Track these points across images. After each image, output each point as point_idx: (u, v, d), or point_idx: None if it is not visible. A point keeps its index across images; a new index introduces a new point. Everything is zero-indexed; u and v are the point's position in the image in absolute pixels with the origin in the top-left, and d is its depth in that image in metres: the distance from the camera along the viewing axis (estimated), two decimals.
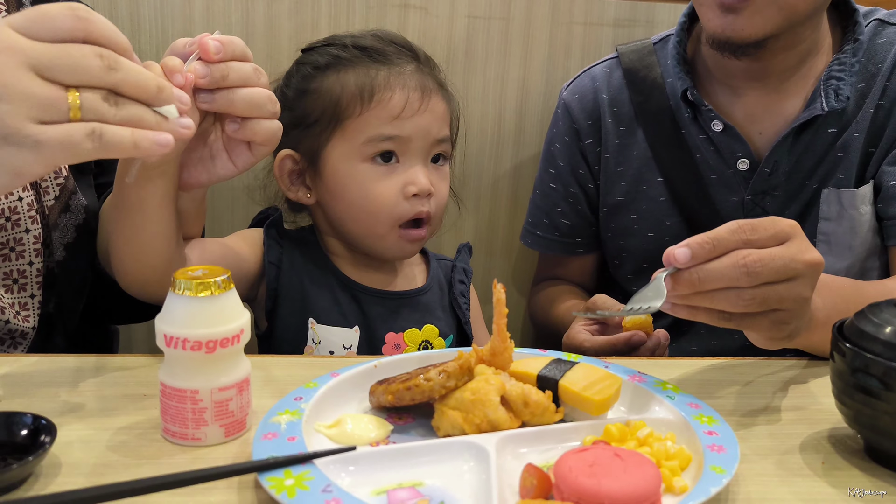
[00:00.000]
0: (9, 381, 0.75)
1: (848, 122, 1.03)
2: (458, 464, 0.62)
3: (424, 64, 0.99)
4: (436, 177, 0.98)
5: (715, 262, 0.67)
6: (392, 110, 0.94)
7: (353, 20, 1.28)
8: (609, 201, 1.16)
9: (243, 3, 1.26)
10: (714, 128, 1.06)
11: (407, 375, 0.71)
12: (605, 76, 1.17)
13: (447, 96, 1.00)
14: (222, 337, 0.63)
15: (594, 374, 0.70)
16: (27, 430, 0.61)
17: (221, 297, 0.64)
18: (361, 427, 0.67)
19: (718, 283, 0.67)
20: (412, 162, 0.96)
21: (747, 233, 0.68)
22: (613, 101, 1.15)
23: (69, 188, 0.92)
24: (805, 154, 1.05)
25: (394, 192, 0.95)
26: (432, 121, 0.96)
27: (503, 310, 0.70)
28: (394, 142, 0.95)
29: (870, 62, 1.04)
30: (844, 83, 1.01)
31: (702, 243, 0.67)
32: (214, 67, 0.71)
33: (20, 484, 0.58)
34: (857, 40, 1.03)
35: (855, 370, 0.64)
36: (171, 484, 0.56)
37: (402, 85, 0.95)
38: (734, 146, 1.06)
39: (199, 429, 0.64)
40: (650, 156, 1.11)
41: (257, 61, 1.27)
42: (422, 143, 0.96)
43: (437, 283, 1.06)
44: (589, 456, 0.58)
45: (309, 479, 0.57)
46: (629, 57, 1.15)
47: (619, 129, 1.14)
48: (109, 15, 1.22)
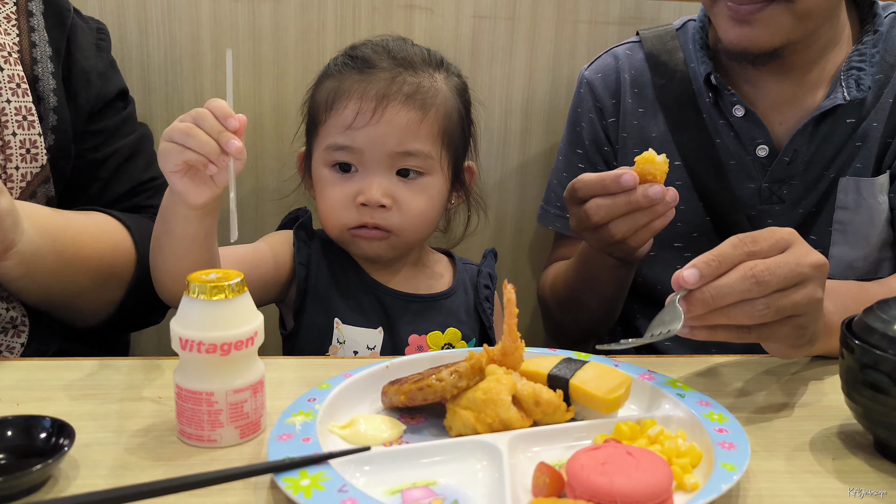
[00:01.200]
0: (27, 385, 0.76)
1: (867, 112, 1.04)
2: (471, 463, 0.63)
3: (410, 70, 0.97)
4: (402, 189, 0.97)
5: (724, 278, 0.69)
6: (345, 119, 0.95)
7: (358, 22, 1.29)
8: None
9: (250, 6, 1.26)
10: (735, 112, 1.06)
11: (419, 376, 0.71)
12: (628, 57, 1.16)
13: (424, 105, 0.96)
14: (236, 339, 0.64)
15: (605, 372, 0.71)
16: (46, 434, 0.62)
17: (235, 301, 0.65)
18: (374, 427, 0.68)
19: (731, 297, 0.68)
20: (369, 173, 0.96)
21: (749, 245, 0.70)
22: (635, 82, 1.15)
23: (29, 191, 0.93)
24: (824, 143, 1.05)
25: (344, 200, 0.96)
26: (388, 132, 0.94)
27: (514, 310, 0.71)
28: (347, 152, 0.96)
29: (888, 53, 1.04)
30: (865, 73, 1.02)
31: (707, 262, 0.69)
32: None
33: (40, 486, 0.59)
34: (876, 31, 1.03)
35: (864, 366, 0.64)
36: (188, 485, 0.57)
37: (360, 94, 0.95)
38: (754, 132, 1.06)
39: (215, 430, 0.65)
40: (669, 139, 1.11)
41: (264, 64, 1.30)
42: (377, 155, 0.95)
43: (462, 287, 1.06)
44: (601, 454, 0.59)
45: (325, 480, 0.57)
46: (651, 41, 1.15)
47: (639, 110, 1.14)
48: (116, 19, 1.23)
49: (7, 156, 0.91)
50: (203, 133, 0.75)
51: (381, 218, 0.96)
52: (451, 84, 1.02)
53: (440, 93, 0.99)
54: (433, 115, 0.97)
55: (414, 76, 0.97)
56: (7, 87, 0.91)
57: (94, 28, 1.05)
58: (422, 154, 0.97)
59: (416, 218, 0.98)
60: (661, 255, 1.14)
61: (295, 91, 1.30)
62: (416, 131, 0.96)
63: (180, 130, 0.76)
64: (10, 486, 0.57)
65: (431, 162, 0.98)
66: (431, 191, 0.99)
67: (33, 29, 0.95)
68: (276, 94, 1.30)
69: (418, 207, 0.98)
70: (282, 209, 1.13)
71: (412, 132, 0.95)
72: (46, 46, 0.96)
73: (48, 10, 0.98)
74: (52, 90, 0.96)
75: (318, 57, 1.29)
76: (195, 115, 0.76)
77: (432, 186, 0.99)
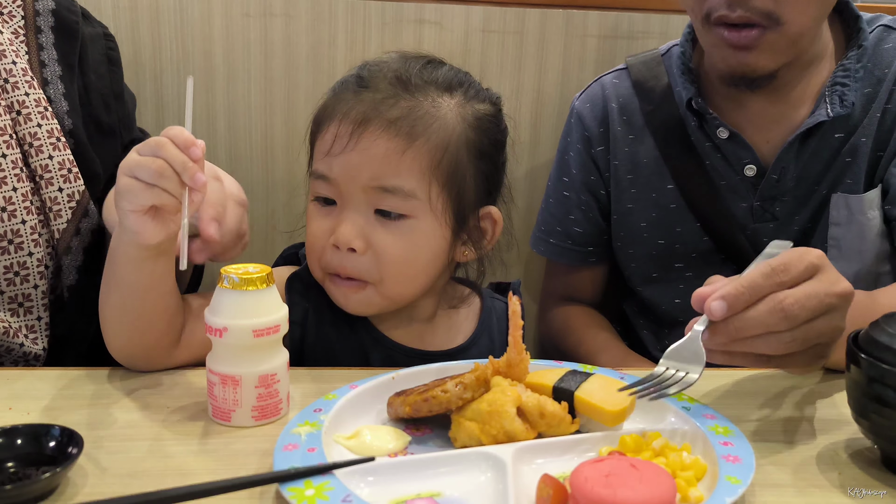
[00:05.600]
0: (37, 394, 0.76)
1: (855, 126, 1.04)
2: (476, 474, 0.63)
3: (408, 91, 0.84)
4: (379, 232, 0.83)
5: (752, 311, 0.66)
6: (324, 145, 0.84)
7: (369, 36, 1.30)
8: (619, 208, 1.17)
9: (261, 21, 1.28)
10: (720, 135, 1.06)
11: (424, 387, 0.72)
12: (614, 86, 1.17)
13: (410, 134, 0.82)
14: (265, 327, 0.70)
15: (610, 385, 0.71)
16: (55, 442, 0.63)
17: (262, 292, 0.70)
18: (380, 438, 0.68)
19: (757, 330, 0.66)
20: (345, 209, 0.84)
21: (780, 274, 0.67)
22: (623, 110, 1.16)
23: (80, 211, 0.93)
24: (813, 160, 1.05)
25: (323, 238, 0.85)
26: (362, 162, 0.81)
27: (518, 322, 0.71)
28: (325, 182, 0.84)
29: (876, 67, 1.04)
30: (849, 89, 1.01)
31: (737, 295, 0.66)
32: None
33: (49, 494, 0.60)
34: (861, 46, 1.03)
35: (871, 380, 0.64)
36: (195, 494, 0.57)
37: (342, 115, 0.83)
38: (741, 153, 1.06)
39: (239, 411, 0.71)
40: (660, 163, 1.12)
41: (276, 78, 1.31)
42: (351, 188, 0.82)
43: (488, 332, 0.93)
44: (605, 466, 0.59)
45: (329, 490, 0.58)
46: (637, 68, 1.16)
47: (629, 136, 1.15)
48: (130, 34, 1.25)
49: (55, 212, 0.92)
50: (175, 174, 0.68)
51: (350, 264, 0.83)
52: (466, 112, 0.87)
53: (439, 121, 0.84)
54: (422, 147, 0.82)
55: (408, 100, 0.83)
56: (48, 142, 0.90)
57: (101, 34, 1.03)
58: (401, 192, 0.82)
59: (399, 266, 0.83)
60: (663, 276, 1.15)
61: (306, 105, 1.31)
62: (397, 164, 0.81)
63: (148, 168, 0.68)
64: (19, 493, 0.57)
65: (415, 203, 0.83)
66: (415, 236, 0.84)
67: (42, 47, 0.93)
68: (286, 108, 1.32)
69: (396, 254, 0.83)
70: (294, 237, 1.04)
71: (391, 165, 0.81)
72: (56, 65, 0.93)
73: (57, 26, 0.95)
74: (65, 112, 0.93)
75: (329, 71, 1.30)
76: (155, 147, 0.69)
77: (419, 232, 0.84)
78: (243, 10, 1.27)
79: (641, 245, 1.16)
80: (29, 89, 0.89)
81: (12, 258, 0.87)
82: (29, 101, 0.89)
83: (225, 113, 1.30)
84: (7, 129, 0.87)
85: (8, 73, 0.88)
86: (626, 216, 1.16)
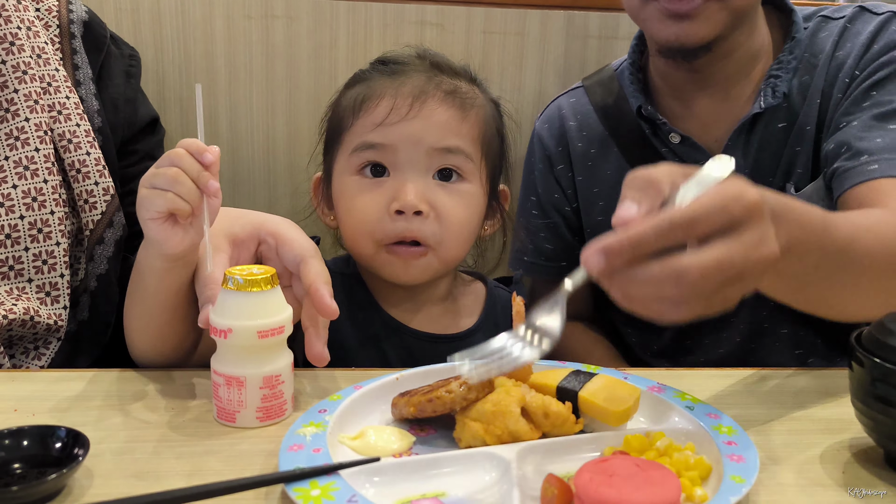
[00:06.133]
0: (42, 396, 0.77)
1: (796, 114, 1.04)
2: (481, 474, 0.63)
3: (445, 73, 0.92)
4: (440, 195, 0.88)
5: (640, 271, 0.56)
6: (376, 117, 0.87)
7: (370, 38, 1.30)
8: (590, 221, 1.17)
9: (263, 23, 1.28)
10: (672, 140, 1.07)
11: (429, 388, 0.72)
12: (571, 105, 1.18)
13: (463, 105, 0.90)
14: (269, 328, 0.70)
15: (614, 385, 0.71)
16: (61, 443, 0.63)
17: (267, 294, 0.70)
18: (384, 438, 0.68)
19: (644, 292, 0.57)
20: (404, 175, 0.87)
21: (683, 230, 0.55)
22: (582, 126, 1.16)
23: (115, 205, 0.98)
24: (761, 152, 1.06)
25: (377, 208, 0.87)
26: (426, 127, 0.87)
27: (522, 322, 0.71)
28: (377, 151, 0.87)
29: (812, 56, 1.05)
30: (781, 80, 1.03)
31: (619, 251, 0.55)
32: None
33: (55, 495, 0.60)
34: (793, 38, 1.05)
35: (874, 380, 0.64)
36: (200, 495, 0.58)
37: (394, 92, 0.88)
38: (694, 155, 1.07)
39: (244, 412, 0.71)
40: (624, 173, 1.10)
41: (278, 79, 1.31)
42: (413, 154, 0.87)
43: (493, 319, 0.97)
44: (609, 466, 0.59)
45: (335, 490, 0.58)
46: (593, 87, 1.17)
47: (591, 151, 1.15)
48: (132, 35, 1.26)
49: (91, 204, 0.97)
50: (189, 180, 0.71)
51: (417, 228, 0.86)
52: (487, 98, 0.97)
53: (479, 99, 0.93)
54: (474, 117, 0.90)
55: (453, 78, 0.91)
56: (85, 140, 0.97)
57: (126, 54, 1.09)
58: (463, 154, 0.88)
59: (457, 228, 0.88)
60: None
61: (307, 107, 1.31)
62: (458, 128, 0.88)
63: (164, 176, 0.71)
64: (25, 494, 0.58)
65: (472, 166, 0.89)
66: (472, 200, 0.90)
67: (75, 51, 1.00)
68: (288, 110, 1.32)
69: (459, 216, 0.88)
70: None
71: (453, 129, 0.88)
72: (87, 68, 1.01)
73: (87, 34, 1.02)
74: (95, 111, 1.00)
75: (330, 73, 1.31)
76: (171, 158, 0.72)
77: (472, 196, 0.90)
78: (245, 12, 1.28)
79: None
80: (69, 93, 0.97)
81: (41, 247, 0.92)
82: (69, 104, 0.97)
83: (226, 115, 1.31)
84: (43, 125, 0.93)
85: (51, 77, 0.96)
86: (598, 229, 1.16)
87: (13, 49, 0.93)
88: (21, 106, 0.92)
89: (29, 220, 0.91)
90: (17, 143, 0.91)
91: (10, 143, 0.91)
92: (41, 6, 1.00)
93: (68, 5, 1.02)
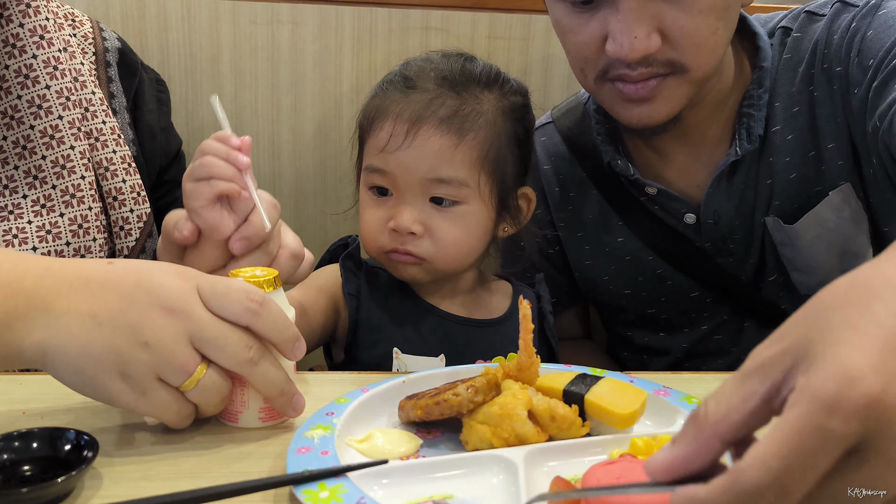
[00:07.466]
0: (51, 398, 0.77)
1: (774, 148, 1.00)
2: (488, 477, 0.63)
3: (454, 89, 0.92)
4: (435, 217, 0.92)
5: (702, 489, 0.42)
6: (380, 141, 0.93)
7: (375, 44, 1.31)
8: (578, 265, 1.16)
9: (269, 29, 1.29)
10: (649, 191, 1.05)
11: (436, 391, 0.72)
12: (543, 144, 1.15)
13: (461, 129, 0.91)
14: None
15: (620, 388, 0.71)
16: (70, 446, 0.63)
17: (269, 295, 0.69)
18: (391, 441, 0.69)
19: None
20: (402, 198, 0.93)
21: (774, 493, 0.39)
22: (557, 170, 1.14)
23: (147, 231, 1.01)
24: (744, 191, 1.03)
25: (379, 223, 0.94)
26: (419, 157, 0.90)
27: (529, 325, 0.71)
28: (380, 175, 0.93)
29: (780, 84, 1.00)
30: (754, 119, 0.99)
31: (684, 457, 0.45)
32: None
33: (64, 497, 0.60)
34: (761, 68, 0.99)
35: None
36: (208, 497, 0.58)
37: (395, 115, 0.92)
38: (674, 205, 1.05)
39: (245, 412, 0.70)
40: (608, 215, 1.10)
41: (283, 85, 1.32)
42: (409, 180, 0.91)
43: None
44: (616, 469, 0.59)
45: (343, 492, 0.58)
46: (564, 123, 1.14)
47: (570, 194, 1.13)
48: (138, 40, 1.26)
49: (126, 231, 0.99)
50: (223, 162, 0.77)
51: (412, 245, 0.93)
52: (504, 105, 0.96)
53: (483, 116, 0.93)
54: (471, 141, 0.92)
55: (455, 98, 0.92)
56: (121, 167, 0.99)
57: (153, 79, 1.11)
58: (455, 182, 0.92)
59: (450, 247, 0.94)
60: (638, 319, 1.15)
61: (312, 112, 1.32)
62: (450, 157, 0.91)
63: (200, 165, 0.78)
64: (34, 497, 0.58)
65: (467, 190, 0.93)
66: (469, 219, 0.94)
67: (111, 80, 1.02)
68: (293, 115, 1.33)
69: (452, 237, 0.93)
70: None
71: (445, 158, 0.91)
72: (122, 97, 1.03)
73: (121, 62, 1.05)
74: (131, 140, 1.02)
75: (335, 78, 1.31)
76: (203, 149, 0.79)
77: (470, 215, 0.94)
78: (251, 18, 1.28)
79: (609, 296, 1.15)
80: (105, 118, 0.99)
81: None
82: (105, 129, 0.99)
83: (232, 120, 1.30)
84: (86, 153, 0.96)
85: (88, 102, 0.98)
86: (587, 272, 1.15)
87: (56, 74, 0.94)
88: (66, 133, 0.94)
89: (74, 247, 0.93)
90: (64, 171, 0.93)
91: (56, 172, 0.93)
92: (77, 32, 1.01)
93: (101, 32, 1.03)
